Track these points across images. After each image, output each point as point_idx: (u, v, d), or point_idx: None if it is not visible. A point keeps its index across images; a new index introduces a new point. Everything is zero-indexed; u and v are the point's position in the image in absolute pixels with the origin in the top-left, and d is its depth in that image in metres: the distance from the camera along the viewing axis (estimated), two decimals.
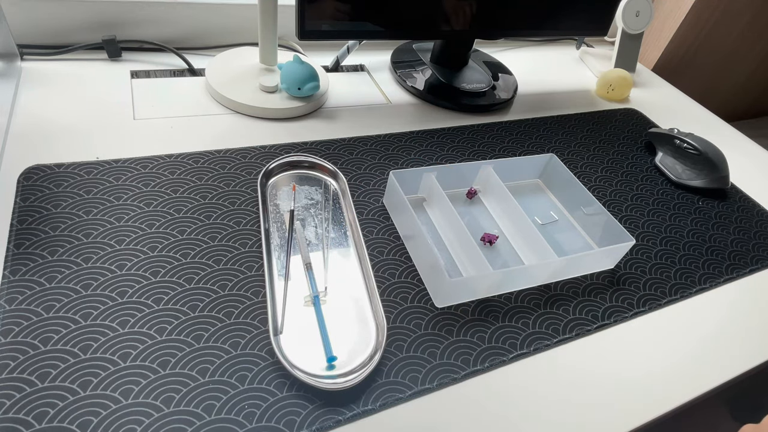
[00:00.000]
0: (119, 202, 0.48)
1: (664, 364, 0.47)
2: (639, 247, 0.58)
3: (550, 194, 0.63)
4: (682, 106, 0.92)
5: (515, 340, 0.45)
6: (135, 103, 0.61)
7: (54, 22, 0.64)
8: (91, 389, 0.35)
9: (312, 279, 0.45)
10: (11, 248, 0.42)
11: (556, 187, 0.62)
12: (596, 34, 0.84)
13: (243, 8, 0.72)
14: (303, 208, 0.52)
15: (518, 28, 0.75)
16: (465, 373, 0.42)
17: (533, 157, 0.61)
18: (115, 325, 0.39)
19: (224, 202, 0.51)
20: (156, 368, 0.37)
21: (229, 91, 0.63)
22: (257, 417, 0.36)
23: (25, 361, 0.36)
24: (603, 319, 0.49)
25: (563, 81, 0.89)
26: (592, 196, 0.57)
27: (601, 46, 1.03)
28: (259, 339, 0.41)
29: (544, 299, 0.50)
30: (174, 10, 0.69)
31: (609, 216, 0.54)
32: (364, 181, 0.58)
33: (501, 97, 0.77)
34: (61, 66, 0.64)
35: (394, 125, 0.68)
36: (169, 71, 0.68)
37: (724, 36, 1.13)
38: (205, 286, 0.43)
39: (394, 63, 0.79)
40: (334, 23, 0.61)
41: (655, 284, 0.54)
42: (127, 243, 0.45)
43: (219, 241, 0.47)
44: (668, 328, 0.50)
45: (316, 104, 0.67)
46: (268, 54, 0.66)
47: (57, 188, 0.48)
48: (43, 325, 0.38)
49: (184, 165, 0.54)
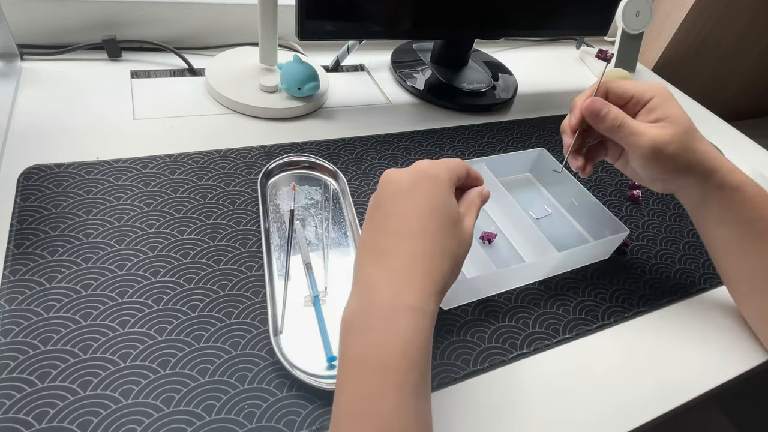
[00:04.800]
0: (119, 202, 0.48)
1: (664, 365, 0.47)
2: (639, 247, 0.58)
3: (542, 188, 0.63)
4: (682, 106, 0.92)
5: (515, 340, 0.45)
6: (135, 103, 0.61)
7: (54, 22, 0.64)
8: (91, 389, 0.35)
9: (312, 279, 0.45)
10: (11, 248, 0.42)
11: (547, 181, 0.63)
12: (596, 34, 0.84)
13: (243, 8, 0.72)
14: (303, 208, 0.52)
15: (518, 28, 0.75)
16: (465, 373, 0.42)
17: (523, 152, 0.61)
18: (115, 325, 0.39)
19: (224, 202, 0.51)
20: (156, 368, 0.37)
21: (229, 91, 0.63)
22: (257, 417, 0.36)
23: (25, 361, 0.36)
24: (603, 319, 0.49)
25: (563, 81, 0.89)
26: (583, 187, 0.57)
27: (601, 46, 1.03)
28: (259, 339, 0.41)
29: (544, 299, 0.50)
30: (174, 10, 0.69)
31: (602, 207, 0.55)
32: (364, 181, 0.58)
33: (501, 97, 0.77)
34: (61, 66, 0.64)
35: (394, 125, 0.68)
36: (169, 71, 0.68)
37: (724, 36, 1.13)
38: (205, 286, 0.43)
39: (394, 63, 0.79)
40: (334, 23, 0.61)
41: (655, 284, 0.54)
42: (127, 243, 0.45)
43: (219, 241, 0.47)
44: (668, 328, 0.50)
45: (316, 104, 0.67)
46: (268, 54, 0.66)
47: (57, 188, 0.48)
48: (43, 325, 0.38)
49: (184, 165, 0.54)
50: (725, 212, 0.45)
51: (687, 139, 0.43)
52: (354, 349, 0.31)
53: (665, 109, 0.43)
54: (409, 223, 0.33)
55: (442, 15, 0.66)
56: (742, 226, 0.44)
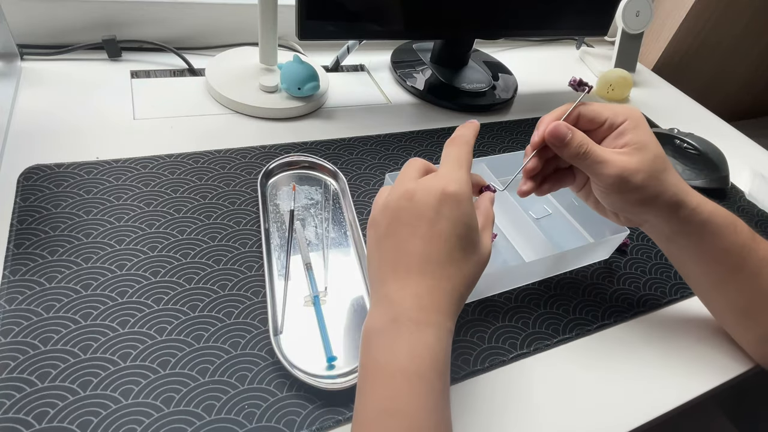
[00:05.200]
0: (119, 202, 0.48)
1: (664, 365, 0.47)
2: (639, 247, 0.58)
3: None
4: (682, 106, 0.92)
5: (515, 340, 0.45)
6: (135, 103, 0.61)
7: (54, 22, 0.64)
8: (91, 389, 0.35)
9: (312, 279, 0.45)
10: (11, 248, 0.42)
11: None
12: (596, 34, 0.84)
13: (243, 8, 0.72)
14: (303, 208, 0.52)
15: (518, 28, 0.75)
16: (465, 373, 0.42)
17: (522, 152, 0.61)
18: (115, 325, 0.39)
19: (224, 202, 0.51)
20: (156, 368, 0.37)
21: (229, 91, 0.63)
22: (257, 417, 0.36)
23: (25, 361, 0.36)
24: (603, 319, 0.49)
25: (563, 81, 0.89)
26: None
27: (601, 46, 1.03)
28: (259, 339, 0.41)
29: (543, 299, 0.50)
30: (174, 10, 0.69)
31: None
32: (364, 181, 0.58)
33: (501, 97, 0.77)
34: (61, 66, 0.64)
35: (394, 125, 0.68)
36: (169, 71, 0.68)
37: (724, 36, 1.13)
38: (205, 286, 0.43)
39: (394, 63, 0.79)
40: (334, 23, 0.61)
41: (655, 284, 0.54)
42: (127, 243, 0.45)
43: (219, 241, 0.47)
44: (668, 328, 0.50)
45: (316, 104, 0.67)
46: (268, 54, 0.66)
47: (57, 188, 0.48)
48: (43, 325, 0.38)
49: (184, 165, 0.54)
50: (696, 248, 0.43)
51: (655, 167, 0.39)
52: (381, 357, 0.32)
53: (636, 135, 0.40)
54: (436, 247, 0.33)
55: (442, 15, 0.66)
56: (714, 262, 0.43)
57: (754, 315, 0.44)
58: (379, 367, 0.31)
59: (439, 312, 0.33)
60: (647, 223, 0.43)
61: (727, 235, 0.42)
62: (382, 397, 0.30)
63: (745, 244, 0.42)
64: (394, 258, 0.34)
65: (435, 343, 0.32)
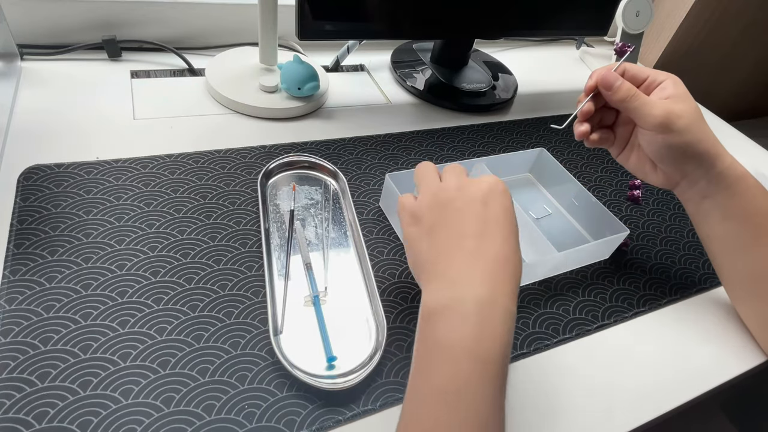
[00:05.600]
0: (119, 202, 0.48)
1: (664, 365, 0.47)
2: (639, 247, 0.58)
3: (542, 188, 0.63)
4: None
5: (515, 340, 0.45)
6: (135, 103, 0.61)
7: (54, 22, 0.64)
8: (91, 389, 0.35)
9: (312, 279, 0.45)
10: (11, 248, 0.42)
11: (547, 181, 0.63)
12: (596, 34, 0.84)
13: (243, 8, 0.72)
14: (303, 208, 0.52)
15: (518, 28, 0.75)
16: None
17: (524, 152, 0.61)
18: (115, 325, 0.39)
19: (224, 202, 0.51)
20: (156, 368, 0.37)
21: (229, 91, 0.63)
22: (257, 417, 0.36)
23: (25, 361, 0.36)
24: (603, 319, 0.49)
25: (563, 81, 0.89)
26: (583, 187, 0.57)
27: (601, 46, 1.03)
28: (259, 339, 0.41)
29: (544, 299, 0.50)
30: (174, 10, 0.69)
31: (602, 207, 0.55)
32: (364, 181, 0.58)
33: (501, 97, 0.77)
34: (61, 66, 0.64)
35: (394, 125, 0.68)
36: (169, 71, 0.68)
37: (724, 36, 1.13)
38: (205, 286, 0.43)
39: (394, 63, 0.79)
40: (334, 23, 0.61)
41: (655, 284, 0.54)
42: (127, 243, 0.45)
43: (219, 241, 0.47)
44: (668, 328, 0.50)
45: (316, 104, 0.67)
46: (268, 54, 0.66)
47: (57, 188, 0.48)
48: (43, 325, 0.38)
49: (184, 165, 0.54)
50: (728, 204, 0.45)
51: (696, 116, 0.44)
52: (444, 337, 0.32)
53: (677, 90, 0.44)
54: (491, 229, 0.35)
55: (442, 15, 0.66)
56: (744, 221, 0.45)
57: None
58: (441, 347, 0.31)
59: (506, 294, 0.33)
60: (685, 178, 0.46)
61: (758, 196, 0.44)
62: (444, 377, 0.30)
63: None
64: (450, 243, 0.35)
65: (503, 326, 0.32)
